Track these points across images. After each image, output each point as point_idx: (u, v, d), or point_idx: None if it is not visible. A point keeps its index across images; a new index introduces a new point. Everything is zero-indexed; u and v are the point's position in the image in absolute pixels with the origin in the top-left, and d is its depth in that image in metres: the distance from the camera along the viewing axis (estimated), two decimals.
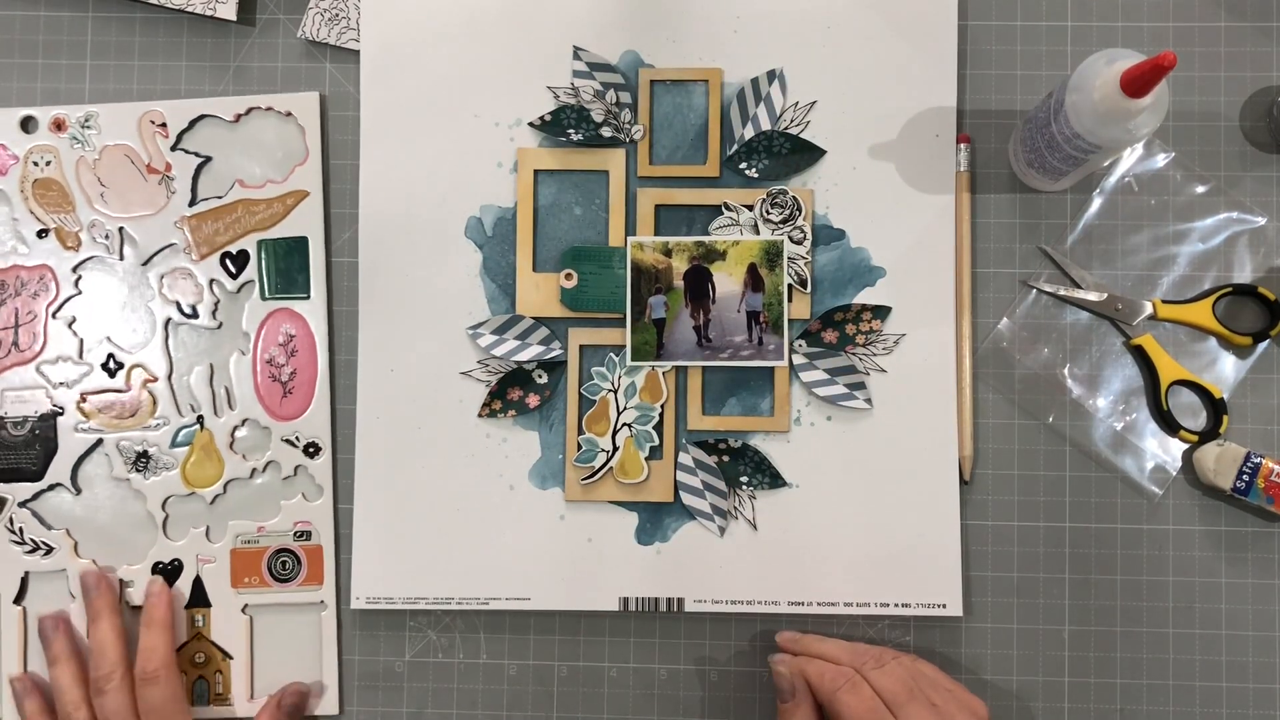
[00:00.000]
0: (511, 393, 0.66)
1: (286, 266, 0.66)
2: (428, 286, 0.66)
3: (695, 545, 0.65)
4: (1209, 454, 0.63)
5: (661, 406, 0.65)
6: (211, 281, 0.66)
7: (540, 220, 0.66)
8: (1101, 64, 0.55)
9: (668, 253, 0.65)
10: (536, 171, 0.66)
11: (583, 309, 0.65)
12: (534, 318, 0.66)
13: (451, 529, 0.65)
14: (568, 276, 0.65)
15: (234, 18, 0.67)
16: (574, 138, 0.66)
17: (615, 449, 0.65)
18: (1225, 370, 0.65)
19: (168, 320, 0.66)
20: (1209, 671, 0.64)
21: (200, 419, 0.66)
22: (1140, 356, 0.65)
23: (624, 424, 0.65)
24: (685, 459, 0.65)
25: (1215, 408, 0.64)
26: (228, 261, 0.66)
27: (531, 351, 0.65)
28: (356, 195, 0.67)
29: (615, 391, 0.65)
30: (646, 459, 0.65)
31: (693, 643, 0.66)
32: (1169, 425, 0.65)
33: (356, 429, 0.66)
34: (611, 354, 0.66)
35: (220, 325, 0.66)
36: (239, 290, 0.66)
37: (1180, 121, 0.66)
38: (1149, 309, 0.65)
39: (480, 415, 0.66)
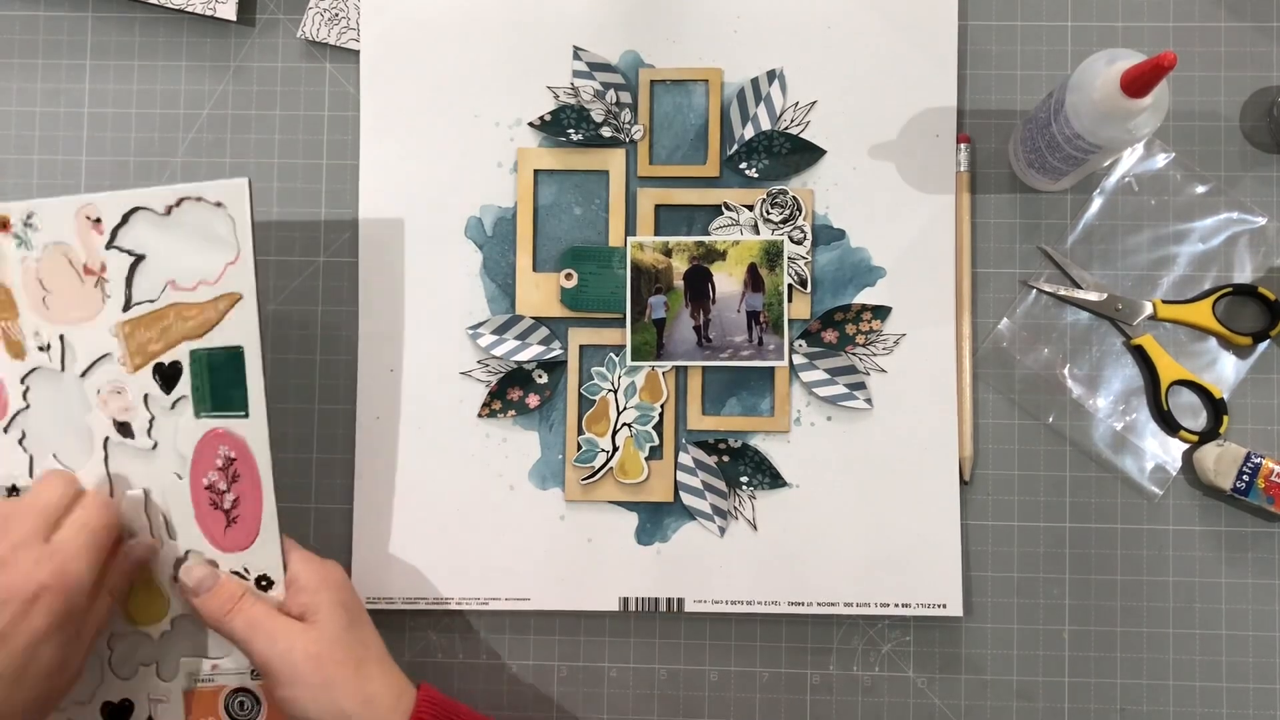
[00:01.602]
0: (511, 393, 0.66)
1: (221, 381, 0.58)
2: (427, 286, 0.66)
3: (695, 545, 0.65)
4: (1209, 454, 0.63)
5: (661, 406, 0.65)
6: (145, 397, 0.59)
7: (540, 220, 0.66)
8: (1101, 64, 0.55)
9: (668, 253, 0.65)
10: (536, 171, 0.66)
11: (583, 309, 0.65)
12: (534, 318, 0.66)
13: (451, 529, 0.65)
14: (568, 276, 0.65)
15: (234, 18, 0.67)
16: (574, 138, 0.66)
17: (615, 449, 0.65)
18: (1225, 370, 0.65)
19: (106, 439, 0.59)
20: (1209, 671, 0.64)
21: None
22: (1140, 356, 0.65)
23: (624, 424, 0.65)
24: (685, 459, 0.65)
25: (1215, 408, 0.64)
26: (159, 374, 0.59)
27: (531, 351, 0.65)
28: (356, 195, 0.67)
29: (615, 391, 0.65)
30: (646, 459, 0.65)
31: (693, 643, 0.66)
32: (1169, 425, 0.65)
33: (356, 429, 0.66)
34: (611, 354, 0.66)
35: (155, 445, 0.59)
36: (173, 406, 0.59)
37: (1180, 121, 0.66)
38: (1149, 309, 0.65)
39: (480, 415, 0.66)
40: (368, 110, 0.67)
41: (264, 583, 0.59)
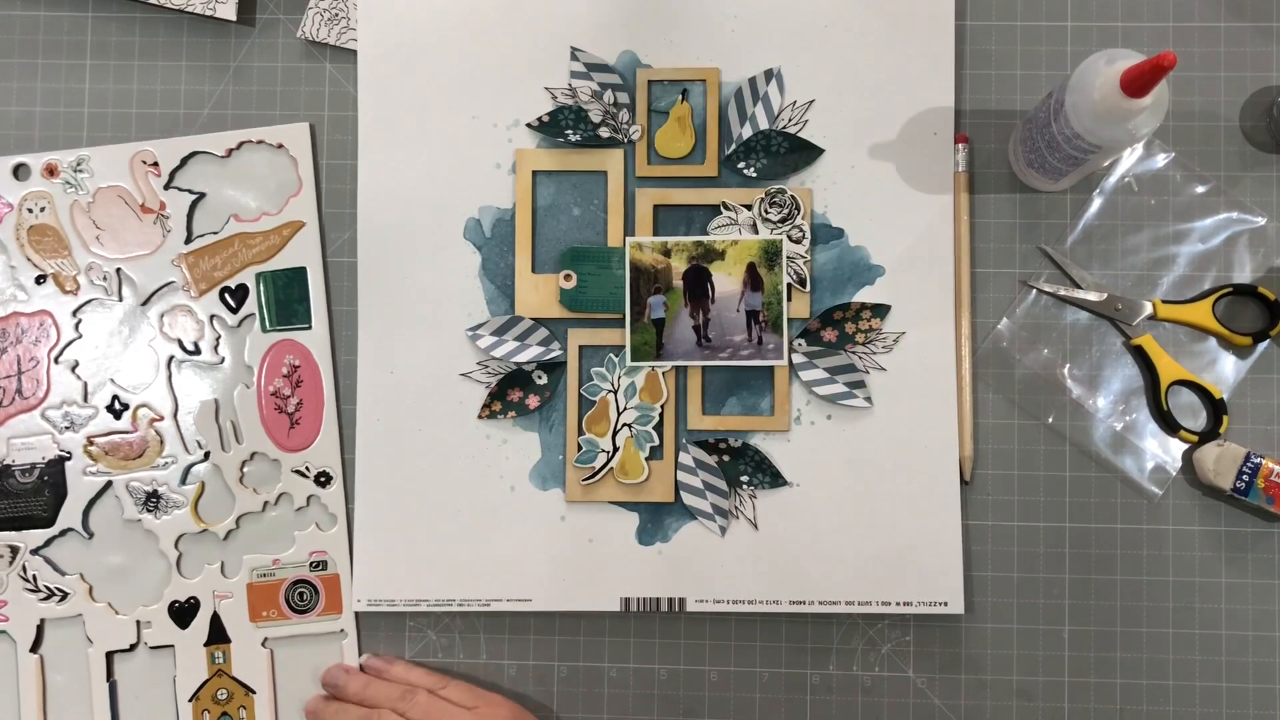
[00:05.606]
0: (511, 394, 0.66)
1: (286, 298, 0.66)
2: (427, 288, 0.66)
3: (696, 545, 0.65)
4: (1209, 454, 0.63)
5: (661, 406, 0.65)
6: (212, 317, 0.66)
7: (539, 221, 0.66)
8: (1101, 64, 0.55)
9: (666, 253, 0.65)
10: (535, 172, 0.66)
11: (582, 309, 0.65)
12: (533, 319, 0.66)
13: (452, 530, 0.65)
14: (567, 277, 0.65)
15: (234, 18, 0.67)
16: (572, 138, 0.66)
17: (615, 449, 0.65)
18: (1225, 370, 0.65)
19: (170, 358, 0.66)
20: (1209, 671, 0.64)
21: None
22: (1140, 356, 0.65)
23: (624, 424, 0.65)
24: (686, 459, 0.65)
25: (1215, 408, 0.64)
26: (227, 296, 0.66)
27: (531, 352, 0.65)
28: (355, 196, 0.67)
29: (615, 392, 0.65)
30: (647, 459, 0.65)
31: (693, 643, 0.66)
32: (1169, 425, 0.65)
33: (356, 431, 0.66)
34: (611, 354, 0.66)
35: (223, 360, 0.66)
36: (239, 324, 0.66)
37: (1180, 121, 0.66)
38: (1149, 309, 0.65)
39: (480, 417, 0.66)
40: (366, 111, 0.67)
41: (322, 479, 0.65)
